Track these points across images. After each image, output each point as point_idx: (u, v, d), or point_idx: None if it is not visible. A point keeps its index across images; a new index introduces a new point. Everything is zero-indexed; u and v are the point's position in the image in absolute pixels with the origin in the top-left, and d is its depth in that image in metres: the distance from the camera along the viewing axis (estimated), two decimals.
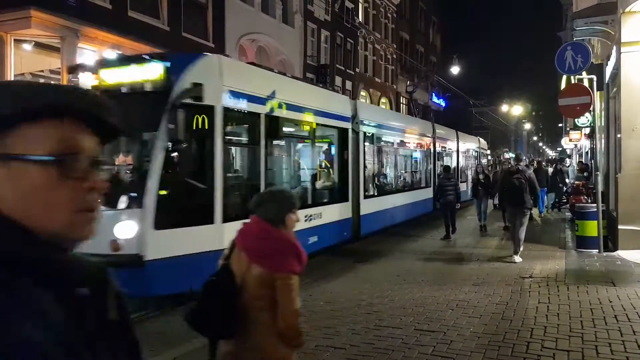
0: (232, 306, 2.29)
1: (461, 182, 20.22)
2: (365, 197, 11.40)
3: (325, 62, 27.55)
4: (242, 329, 2.22)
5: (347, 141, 10.78)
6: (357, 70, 32.07)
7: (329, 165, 10.69)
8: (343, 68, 30.05)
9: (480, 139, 29.84)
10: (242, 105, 7.34)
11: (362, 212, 11.07)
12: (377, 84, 35.84)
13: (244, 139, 8.14)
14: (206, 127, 6.49)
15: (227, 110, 6.86)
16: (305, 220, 8.62)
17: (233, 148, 7.98)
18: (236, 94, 7.17)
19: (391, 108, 38.51)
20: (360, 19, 32.53)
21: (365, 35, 33.30)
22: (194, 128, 6.33)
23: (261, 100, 7.81)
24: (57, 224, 0.80)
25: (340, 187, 10.51)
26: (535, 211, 12.59)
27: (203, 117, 6.43)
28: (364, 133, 11.61)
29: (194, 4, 18.24)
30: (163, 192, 5.93)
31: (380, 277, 7.76)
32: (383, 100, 37.40)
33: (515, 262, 8.59)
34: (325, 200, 10.08)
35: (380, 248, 10.52)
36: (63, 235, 0.81)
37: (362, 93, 33.43)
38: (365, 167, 11.55)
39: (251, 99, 7.52)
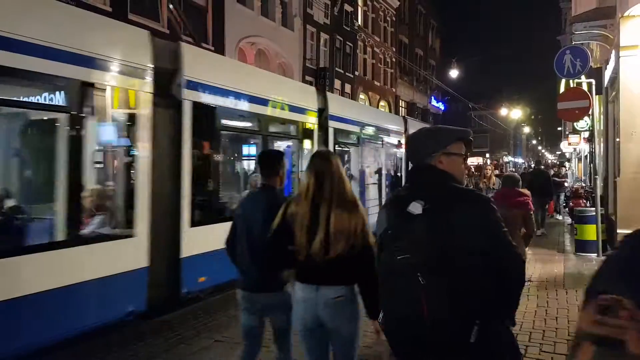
0: None
1: None
2: None
3: (324, 65, 27.59)
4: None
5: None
6: (357, 73, 32.12)
7: None
8: (342, 71, 30.09)
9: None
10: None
11: None
12: (377, 88, 35.89)
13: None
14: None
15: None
16: None
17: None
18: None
19: (390, 111, 38.61)
20: (360, 23, 32.61)
21: (364, 38, 33.37)
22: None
23: None
24: (461, 177, 2.09)
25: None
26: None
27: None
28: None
29: (193, 7, 18.27)
30: None
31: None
32: (382, 103, 37.46)
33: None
34: None
35: None
36: (461, 181, 2.09)
37: (362, 96, 33.48)
38: None
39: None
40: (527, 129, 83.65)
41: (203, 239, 6.17)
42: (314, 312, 2.70)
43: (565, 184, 19.33)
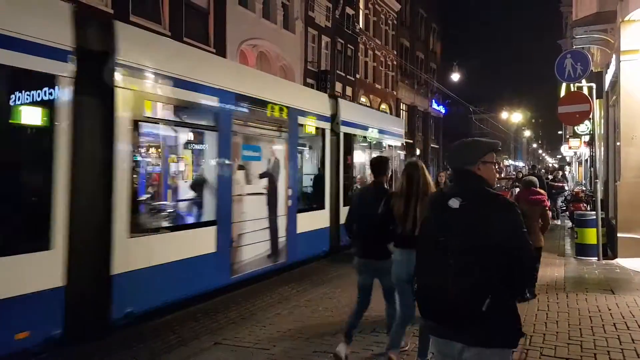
0: None
1: None
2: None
3: (325, 68, 27.62)
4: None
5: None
6: (358, 76, 32.16)
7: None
8: (343, 74, 30.13)
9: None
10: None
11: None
12: (378, 90, 35.92)
13: None
14: None
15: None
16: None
17: None
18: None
19: (391, 114, 38.62)
20: (361, 26, 32.66)
21: (365, 41, 33.42)
22: None
23: None
24: (492, 181, 2.49)
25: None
26: None
27: None
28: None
29: (195, 9, 18.31)
30: None
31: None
32: (383, 106, 37.47)
33: None
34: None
35: None
36: (493, 184, 2.50)
37: (363, 99, 33.50)
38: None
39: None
40: (527, 133, 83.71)
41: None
42: (408, 268, 3.70)
43: (566, 187, 19.32)
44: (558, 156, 66.44)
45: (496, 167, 2.65)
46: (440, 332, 2.36)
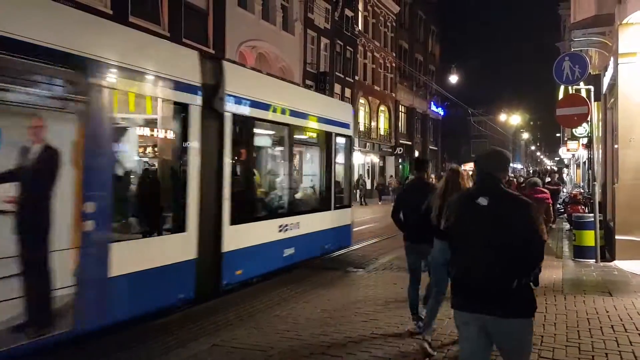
0: None
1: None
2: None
3: (324, 69, 27.66)
4: None
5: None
6: (357, 78, 32.19)
7: None
8: (342, 76, 30.17)
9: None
10: None
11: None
12: (376, 92, 35.96)
13: None
14: None
15: None
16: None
17: None
18: None
19: (390, 116, 38.66)
20: (360, 28, 32.71)
21: (364, 43, 33.46)
22: None
23: None
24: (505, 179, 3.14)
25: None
26: None
27: None
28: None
29: (194, 10, 18.32)
30: None
31: (377, 285, 7.74)
32: (382, 108, 37.51)
33: None
34: None
35: (376, 255, 10.51)
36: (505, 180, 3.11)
37: (361, 101, 33.53)
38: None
39: None
40: (526, 135, 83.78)
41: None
42: (444, 255, 4.20)
43: (562, 190, 19.33)
44: (556, 158, 66.57)
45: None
46: (471, 307, 2.86)
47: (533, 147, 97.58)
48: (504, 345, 2.90)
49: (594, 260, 9.30)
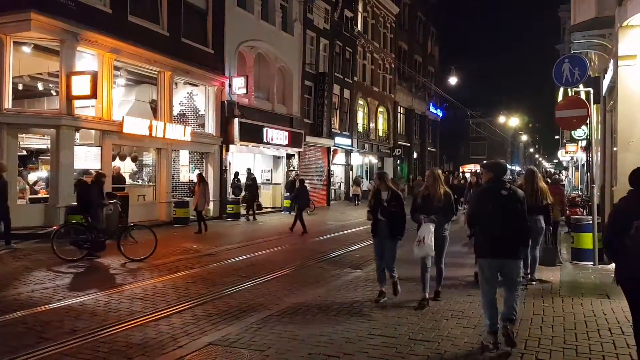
0: None
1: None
2: None
3: (323, 70, 27.65)
4: None
5: None
6: (356, 78, 32.19)
7: None
8: (341, 76, 30.15)
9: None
10: None
11: None
12: (375, 93, 35.95)
13: None
14: None
15: None
16: None
17: None
18: None
19: (388, 117, 38.67)
20: (359, 28, 32.70)
21: (364, 44, 33.46)
22: None
23: None
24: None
25: None
26: None
27: None
28: None
29: (194, 10, 18.30)
30: None
31: (374, 285, 7.73)
32: (381, 109, 37.52)
33: None
34: None
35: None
36: None
37: (360, 101, 33.54)
38: None
39: None
40: (524, 137, 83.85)
41: None
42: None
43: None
44: (555, 161, 66.64)
45: None
46: (494, 254, 4.86)
47: (532, 150, 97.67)
48: (509, 276, 4.88)
49: (592, 263, 9.30)
